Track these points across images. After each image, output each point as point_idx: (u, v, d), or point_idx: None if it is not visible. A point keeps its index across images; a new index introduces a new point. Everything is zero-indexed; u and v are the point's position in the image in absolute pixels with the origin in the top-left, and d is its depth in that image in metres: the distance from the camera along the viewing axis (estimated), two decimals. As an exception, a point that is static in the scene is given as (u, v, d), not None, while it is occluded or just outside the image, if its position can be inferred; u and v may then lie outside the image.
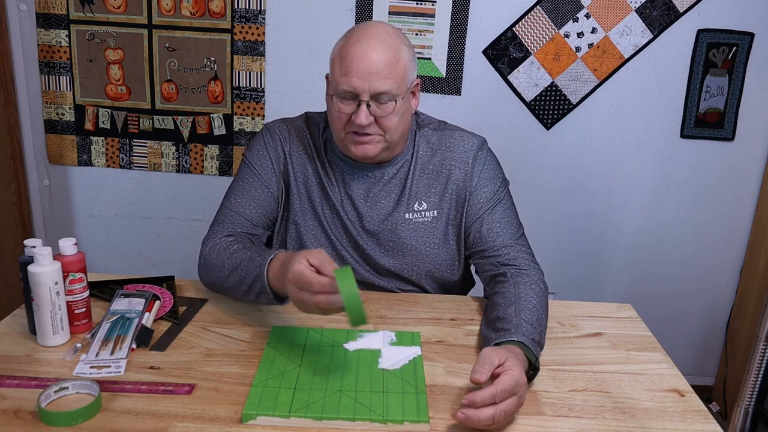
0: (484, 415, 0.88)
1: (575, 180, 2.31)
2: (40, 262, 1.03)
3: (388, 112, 1.21)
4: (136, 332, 1.10)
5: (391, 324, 1.21)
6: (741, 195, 2.33)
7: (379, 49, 1.18)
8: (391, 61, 1.19)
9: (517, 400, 0.92)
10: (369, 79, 1.17)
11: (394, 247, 1.33)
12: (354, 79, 1.18)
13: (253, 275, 1.13)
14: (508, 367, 0.93)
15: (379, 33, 1.20)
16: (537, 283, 1.22)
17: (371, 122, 1.21)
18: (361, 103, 1.19)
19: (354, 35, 1.21)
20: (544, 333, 1.13)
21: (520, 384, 0.92)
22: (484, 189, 1.32)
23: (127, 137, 2.28)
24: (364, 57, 1.17)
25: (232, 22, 2.16)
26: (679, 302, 2.45)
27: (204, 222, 2.25)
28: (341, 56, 1.20)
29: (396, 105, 1.21)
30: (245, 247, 1.21)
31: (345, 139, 1.25)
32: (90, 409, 0.90)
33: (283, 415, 0.91)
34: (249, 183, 1.33)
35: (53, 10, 2.15)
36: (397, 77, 1.20)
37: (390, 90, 1.19)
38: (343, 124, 1.23)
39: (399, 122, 1.24)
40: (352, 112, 1.20)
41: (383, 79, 1.18)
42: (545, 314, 1.17)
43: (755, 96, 2.22)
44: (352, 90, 1.18)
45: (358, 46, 1.18)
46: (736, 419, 1.18)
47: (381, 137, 1.24)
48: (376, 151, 1.25)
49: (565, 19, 2.14)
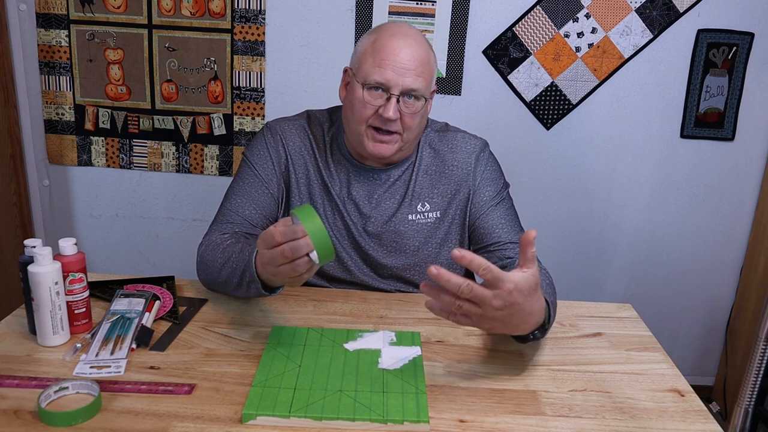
0: (442, 295, 0.89)
1: (575, 180, 2.31)
2: (40, 262, 1.03)
3: (415, 110, 1.22)
4: (136, 332, 1.10)
5: (391, 324, 1.21)
6: (741, 195, 2.33)
7: (413, 47, 1.20)
8: (424, 61, 1.21)
9: (475, 310, 0.91)
10: (403, 75, 1.18)
11: (396, 248, 1.33)
12: (389, 72, 1.18)
13: (243, 265, 1.12)
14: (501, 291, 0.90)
15: (412, 32, 1.23)
16: (543, 270, 1.21)
17: (398, 118, 1.21)
18: (391, 97, 1.20)
19: (388, 30, 1.22)
20: (555, 307, 1.12)
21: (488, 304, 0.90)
22: (487, 189, 1.33)
23: (127, 137, 2.28)
24: (401, 52, 1.18)
25: (232, 22, 2.16)
26: (679, 302, 2.45)
27: (204, 222, 2.25)
28: (375, 48, 1.20)
29: (423, 105, 1.22)
30: (237, 241, 1.21)
31: (364, 133, 1.24)
32: (90, 409, 0.90)
33: (283, 415, 0.90)
34: (249, 183, 1.33)
35: (53, 10, 2.15)
36: (427, 78, 1.22)
37: (420, 88, 1.20)
38: (367, 117, 1.22)
39: (419, 123, 1.25)
40: (379, 106, 1.21)
41: (416, 76, 1.19)
42: (553, 292, 1.16)
43: (755, 96, 2.22)
44: (385, 83, 1.19)
45: (394, 40, 1.19)
46: (736, 419, 1.18)
47: (399, 137, 1.24)
48: (392, 152, 1.25)
49: (565, 19, 2.14)
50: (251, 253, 1.10)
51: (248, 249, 1.13)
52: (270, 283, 1.10)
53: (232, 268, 1.16)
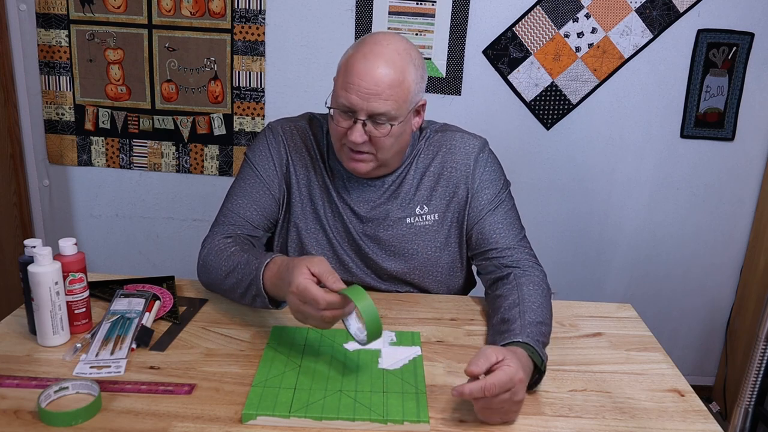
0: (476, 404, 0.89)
1: (575, 180, 2.31)
2: (40, 262, 1.03)
3: (384, 133, 1.18)
4: (136, 332, 1.10)
5: (391, 324, 1.21)
6: (741, 195, 2.33)
7: (383, 68, 1.15)
8: (394, 83, 1.16)
9: (510, 396, 0.91)
10: (368, 99, 1.15)
11: (396, 251, 1.32)
12: (353, 96, 1.15)
13: (249, 279, 1.13)
14: (504, 363, 0.92)
15: (388, 51, 1.17)
16: (540, 284, 1.21)
17: (365, 141, 1.19)
18: (357, 121, 1.17)
19: (362, 49, 1.18)
20: (548, 334, 1.13)
21: (514, 380, 0.90)
22: (486, 191, 1.32)
23: (127, 137, 2.28)
24: (366, 75, 1.14)
25: (232, 22, 2.16)
26: (679, 302, 2.44)
27: (204, 222, 2.25)
28: (345, 69, 1.18)
29: (392, 128, 1.18)
30: (243, 250, 1.21)
31: (341, 150, 1.25)
32: (90, 409, 0.90)
33: (283, 415, 0.91)
34: (250, 184, 1.33)
35: (53, 10, 2.15)
36: (398, 99, 1.17)
37: (388, 112, 1.16)
38: (340, 136, 1.22)
39: (394, 143, 1.22)
40: (348, 128, 1.19)
41: (383, 100, 1.15)
42: (550, 315, 1.16)
43: (755, 96, 2.22)
44: (350, 106, 1.16)
45: (363, 62, 1.15)
46: (736, 419, 1.18)
47: (373, 156, 1.22)
48: (368, 169, 1.24)
49: (565, 19, 2.14)
50: (258, 267, 1.11)
51: (255, 262, 1.13)
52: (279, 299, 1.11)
53: (236, 279, 1.16)
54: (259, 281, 1.10)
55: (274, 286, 1.09)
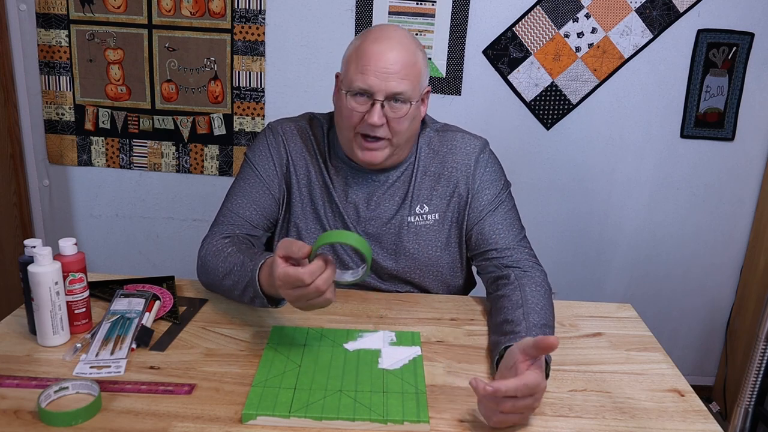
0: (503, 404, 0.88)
1: (575, 180, 2.31)
2: (40, 262, 1.03)
3: (402, 114, 1.20)
4: (136, 332, 1.10)
5: (391, 324, 1.21)
6: (741, 195, 2.33)
7: (396, 50, 1.18)
8: (409, 63, 1.19)
9: (532, 402, 0.91)
10: (386, 79, 1.17)
11: (396, 250, 1.32)
12: (371, 78, 1.17)
13: (245, 281, 1.13)
14: (534, 366, 0.92)
15: (397, 35, 1.21)
16: (542, 284, 1.21)
17: (383, 123, 1.20)
18: (375, 103, 1.18)
19: (372, 35, 1.21)
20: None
21: (541, 387, 0.90)
22: (486, 192, 1.32)
23: (127, 137, 2.28)
24: (382, 57, 1.17)
25: (232, 22, 2.16)
26: (679, 302, 2.45)
27: (204, 222, 2.25)
28: (358, 54, 1.19)
29: (410, 108, 1.21)
30: (239, 250, 1.20)
31: (353, 141, 1.24)
32: (90, 409, 0.90)
33: (283, 415, 0.91)
34: (250, 184, 1.33)
35: (53, 10, 2.15)
36: (413, 80, 1.20)
37: (405, 91, 1.19)
38: (354, 124, 1.22)
39: (409, 126, 1.23)
40: (365, 112, 1.20)
41: (400, 80, 1.18)
42: (552, 317, 1.16)
43: (755, 96, 2.22)
44: (368, 89, 1.18)
45: (376, 45, 1.18)
46: (736, 419, 1.18)
47: (388, 142, 1.23)
48: (383, 158, 1.24)
49: (565, 19, 2.14)
50: (253, 270, 1.11)
51: (250, 264, 1.13)
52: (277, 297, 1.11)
53: (233, 281, 1.16)
54: (256, 283, 1.10)
55: (270, 287, 1.08)
